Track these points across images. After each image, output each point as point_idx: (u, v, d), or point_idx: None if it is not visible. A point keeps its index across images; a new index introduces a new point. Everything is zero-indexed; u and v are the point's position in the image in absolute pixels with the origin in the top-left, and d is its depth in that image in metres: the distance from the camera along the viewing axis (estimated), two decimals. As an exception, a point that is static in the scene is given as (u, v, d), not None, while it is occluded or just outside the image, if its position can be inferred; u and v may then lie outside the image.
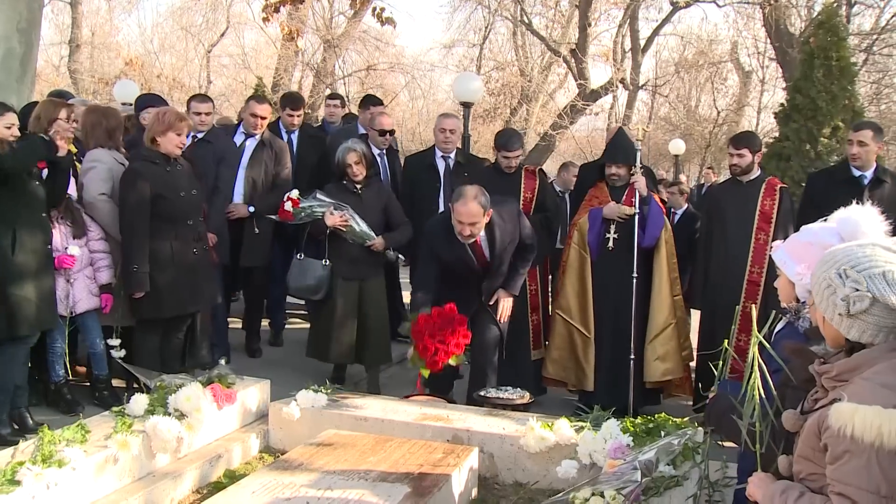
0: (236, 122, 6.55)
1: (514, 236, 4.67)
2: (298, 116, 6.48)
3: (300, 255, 5.33)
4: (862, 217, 2.31)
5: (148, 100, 6.04)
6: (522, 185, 5.43)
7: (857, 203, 2.35)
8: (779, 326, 2.68)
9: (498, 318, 4.83)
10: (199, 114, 5.66)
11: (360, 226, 5.15)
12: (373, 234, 5.20)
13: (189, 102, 5.94)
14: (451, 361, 4.29)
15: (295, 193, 5.21)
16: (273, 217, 5.46)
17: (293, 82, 20.61)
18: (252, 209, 5.71)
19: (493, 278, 4.76)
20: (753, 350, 2.17)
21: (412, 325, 4.25)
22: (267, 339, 6.55)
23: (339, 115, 7.55)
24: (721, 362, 2.74)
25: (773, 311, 2.57)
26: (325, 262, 5.22)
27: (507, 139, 5.54)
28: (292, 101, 6.57)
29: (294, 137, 6.44)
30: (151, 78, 20.06)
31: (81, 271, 4.70)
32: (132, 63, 20.28)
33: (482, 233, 4.51)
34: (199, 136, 5.56)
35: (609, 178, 5.22)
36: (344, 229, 5.13)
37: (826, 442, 1.74)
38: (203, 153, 5.37)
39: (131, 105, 6.74)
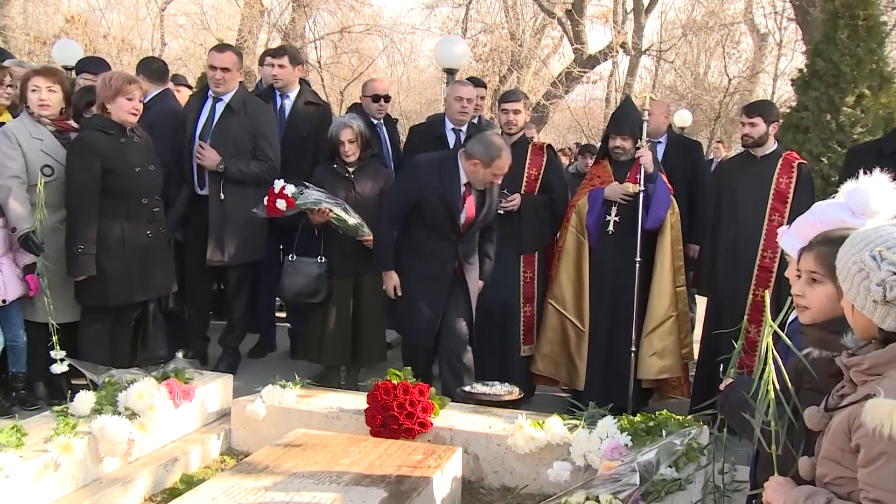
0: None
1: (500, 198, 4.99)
2: (280, 66, 5.80)
3: (292, 257, 5.26)
4: (871, 187, 2.31)
5: (89, 63, 5.94)
6: (528, 162, 5.38)
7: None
8: (792, 316, 2.69)
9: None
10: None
11: (353, 218, 5.07)
12: (366, 227, 5.12)
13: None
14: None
15: (290, 190, 4.96)
16: (258, 212, 5.15)
17: (258, 46, 20.43)
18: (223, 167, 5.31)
19: (468, 243, 4.86)
20: (767, 340, 2.16)
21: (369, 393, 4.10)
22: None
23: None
24: (735, 354, 2.75)
25: (789, 300, 2.58)
26: (321, 259, 5.16)
27: (505, 92, 5.71)
28: (274, 49, 6.02)
29: (287, 103, 5.95)
30: (97, 38, 19.79)
31: (5, 255, 4.55)
32: (74, 20, 19.98)
33: (473, 191, 4.71)
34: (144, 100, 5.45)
35: (613, 150, 5.23)
36: (336, 222, 5.06)
37: (858, 442, 1.71)
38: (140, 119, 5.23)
39: (73, 69, 6.63)
